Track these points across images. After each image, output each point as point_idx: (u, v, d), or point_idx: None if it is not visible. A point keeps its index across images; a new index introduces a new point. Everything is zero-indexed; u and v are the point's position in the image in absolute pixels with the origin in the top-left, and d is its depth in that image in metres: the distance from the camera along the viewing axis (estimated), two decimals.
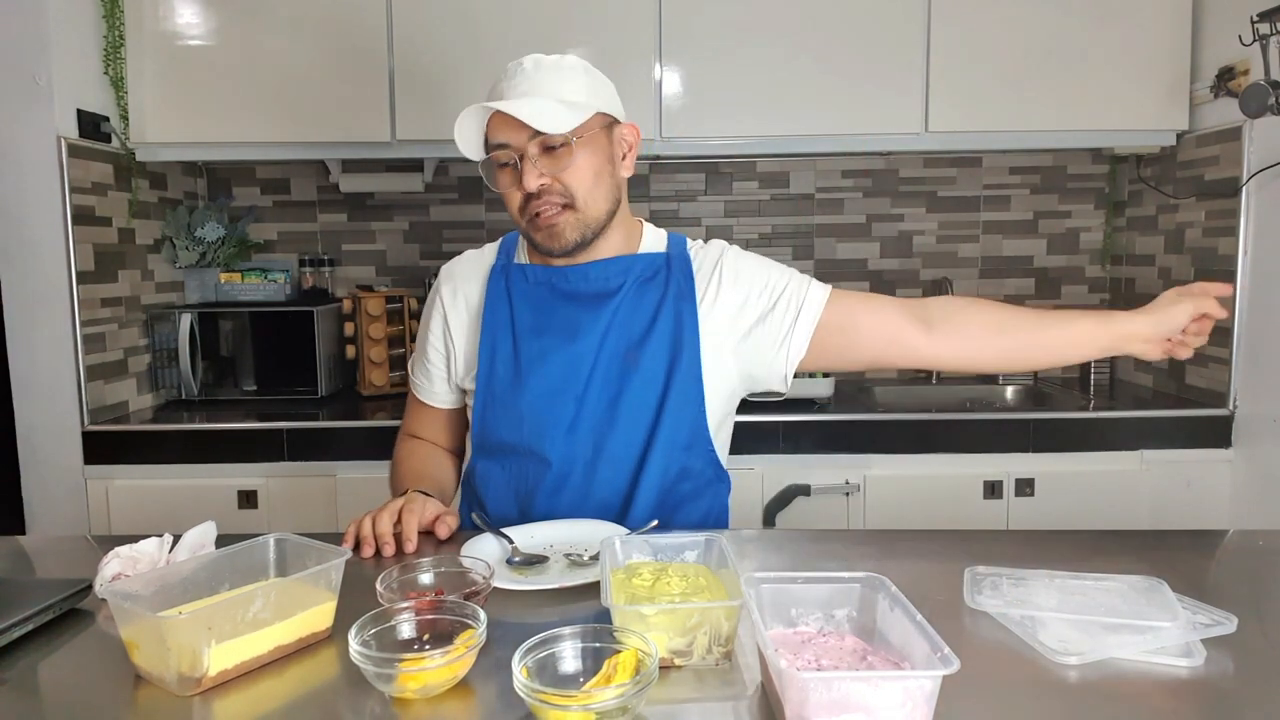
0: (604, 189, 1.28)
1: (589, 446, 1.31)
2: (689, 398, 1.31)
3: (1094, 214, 2.92)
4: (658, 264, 1.35)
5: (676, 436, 1.32)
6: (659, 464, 1.31)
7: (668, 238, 1.40)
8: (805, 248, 2.93)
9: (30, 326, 2.25)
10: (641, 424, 1.31)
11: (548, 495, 1.32)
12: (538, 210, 1.25)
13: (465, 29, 2.42)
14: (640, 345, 1.31)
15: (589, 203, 1.26)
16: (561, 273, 1.34)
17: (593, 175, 1.26)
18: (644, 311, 1.32)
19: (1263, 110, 2.03)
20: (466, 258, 1.46)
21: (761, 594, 0.84)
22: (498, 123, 1.25)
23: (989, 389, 2.86)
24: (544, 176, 1.23)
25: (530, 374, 1.32)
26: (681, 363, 1.30)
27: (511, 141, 1.23)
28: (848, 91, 2.44)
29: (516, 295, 1.36)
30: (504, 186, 1.28)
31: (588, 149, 1.25)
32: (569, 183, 1.24)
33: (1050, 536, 1.24)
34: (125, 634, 0.83)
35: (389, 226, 2.92)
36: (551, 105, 1.21)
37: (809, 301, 1.31)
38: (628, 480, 1.32)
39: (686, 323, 1.31)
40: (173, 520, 1.19)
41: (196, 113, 2.43)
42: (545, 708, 0.71)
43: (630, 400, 1.31)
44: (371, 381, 2.61)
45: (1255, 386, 2.26)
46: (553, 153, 1.23)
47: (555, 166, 1.23)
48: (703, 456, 1.35)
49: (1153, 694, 0.79)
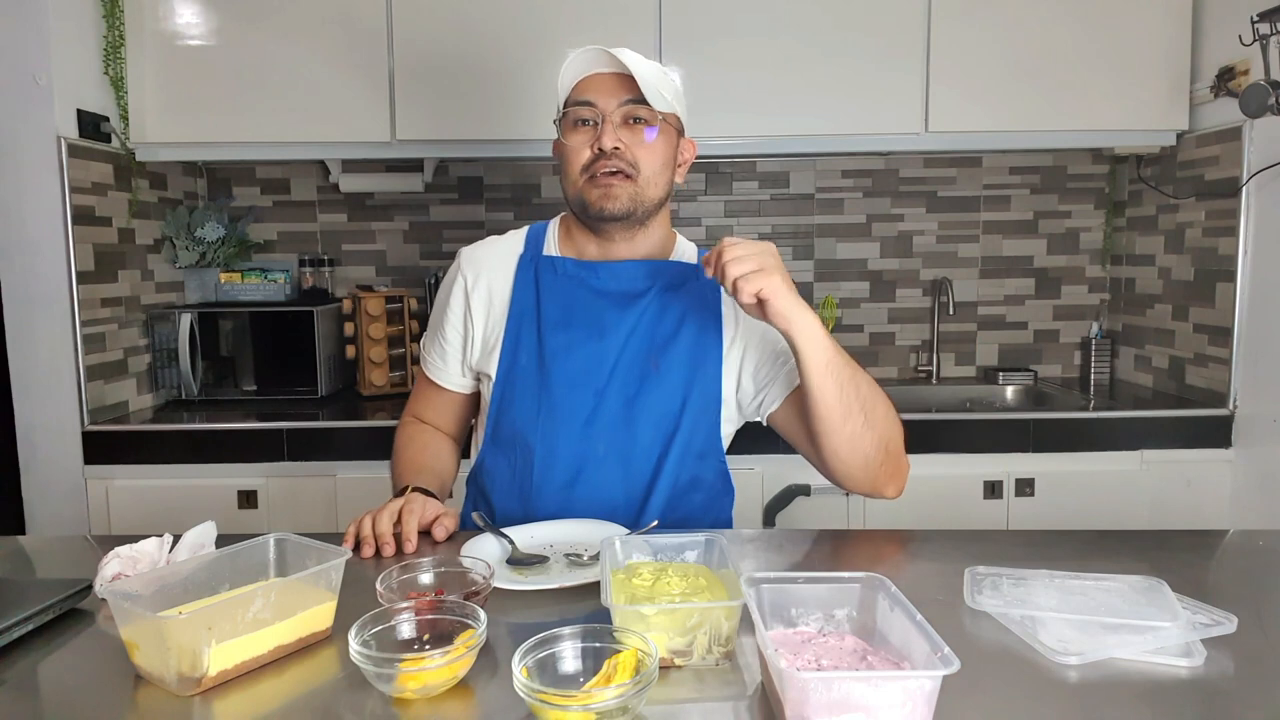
0: (664, 179, 1.33)
1: (603, 443, 1.32)
2: (708, 407, 1.33)
3: (1094, 214, 2.92)
4: (687, 273, 1.37)
5: (693, 444, 1.33)
6: (673, 471, 1.32)
7: (699, 252, 1.42)
8: (805, 248, 2.93)
9: (30, 326, 2.24)
10: (661, 429, 1.32)
11: (556, 492, 1.32)
12: (601, 167, 1.28)
13: (465, 29, 2.42)
14: (664, 350, 1.32)
15: (649, 182, 1.30)
16: (592, 268, 1.35)
17: (661, 161, 1.31)
18: (670, 317, 1.34)
19: (1263, 110, 2.03)
20: (491, 243, 1.46)
21: (761, 594, 0.84)
22: (593, 82, 1.29)
23: (989, 389, 2.86)
24: (620, 141, 1.27)
25: (553, 365, 1.33)
26: (704, 371, 1.33)
27: (599, 103, 1.28)
28: (848, 91, 2.44)
29: (544, 287, 1.37)
30: (574, 142, 1.30)
31: (663, 137, 1.31)
32: (640, 156, 1.29)
33: (1050, 536, 1.24)
34: (125, 634, 0.83)
35: (389, 226, 2.92)
36: (653, 84, 1.26)
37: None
38: (642, 484, 1.32)
39: (710, 333, 1.34)
40: (173, 520, 1.19)
41: (196, 113, 2.43)
42: (545, 708, 0.71)
43: (649, 403, 1.31)
44: (371, 381, 2.61)
45: (1255, 386, 2.26)
46: (633, 127, 1.29)
47: (633, 139, 1.28)
48: (714, 468, 1.36)
49: (1153, 694, 0.79)
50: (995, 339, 2.97)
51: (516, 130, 2.44)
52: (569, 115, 1.30)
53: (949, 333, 2.96)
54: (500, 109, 2.44)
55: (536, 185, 2.91)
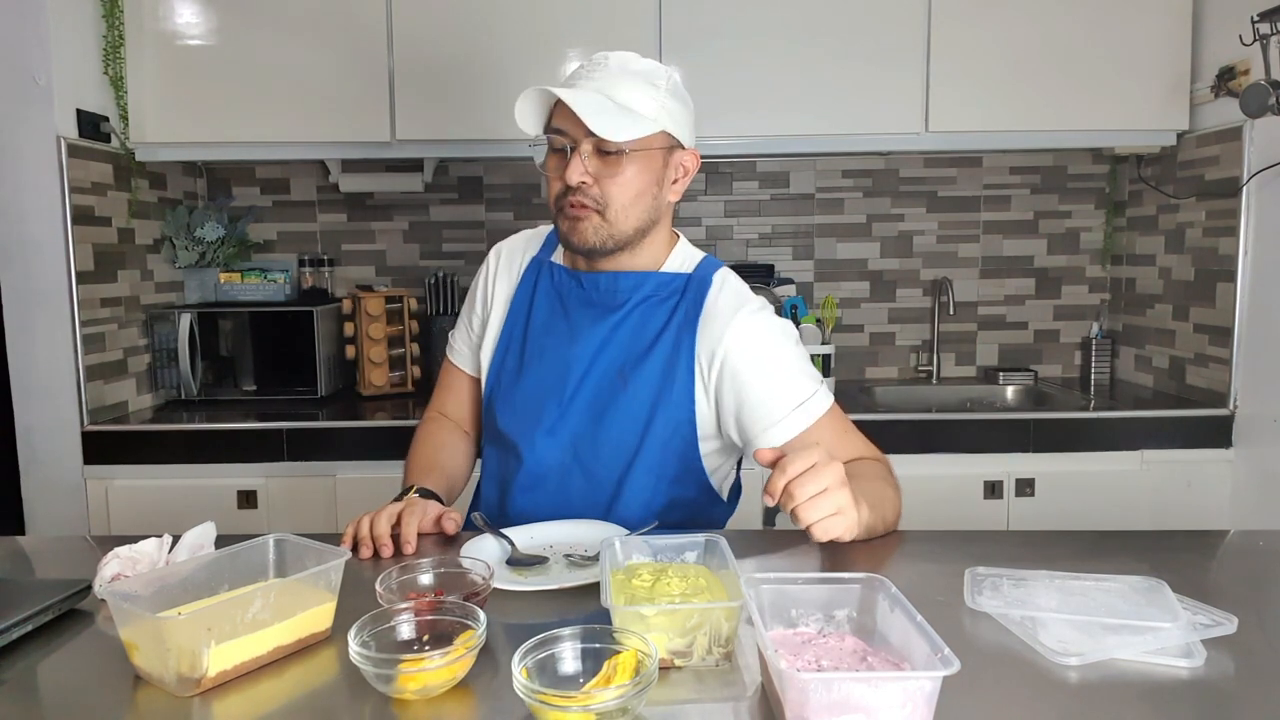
0: (641, 208, 1.26)
1: (568, 454, 1.31)
2: (676, 429, 1.27)
3: (1094, 214, 2.92)
4: (674, 286, 1.31)
5: (664, 469, 1.28)
6: (640, 494, 1.28)
7: (700, 261, 1.35)
8: (805, 248, 2.93)
9: (30, 326, 2.24)
10: (622, 447, 1.28)
11: (522, 491, 1.33)
12: (569, 203, 1.25)
13: (465, 29, 2.42)
14: (635, 367, 1.28)
15: (619, 217, 1.24)
16: (577, 278, 1.35)
17: (634, 193, 1.24)
18: (647, 333, 1.29)
19: (1263, 110, 2.03)
20: (520, 238, 1.47)
21: (761, 594, 0.84)
22: (564, 109, 1.21)
23: (989, 389, 2.86)
24: (587, 175, 1.22)
25: (529, 369, 1.35)
26: (670, 394, 1.26)
27: (569, 131, 1.22)
28: (848, 91, 2.44)
29: (540, 290, 1.38)
30: (550, 170, 1.27)
31: (638, 165, 1.23)
32: (608, 191, 1.23)
33: (1050, 537, 1.24)
34: (125, 635, 0.83)
35: (389, 226, 2.92)
36: (614, 110, 1.19)
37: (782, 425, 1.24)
38: (604, 501, 1.30)
39: (683, 354, 1.27)
40: (172, 520, 1.19)
41: (196, 113, 2.43)
42: (545, 708, 0.71)
43: (616, 420, 1.28)
44: (371, 381, 2.61)
45: (1255, 386, 2.26)
46: (604, 156, 1.22)
47: (603, 170, 1.22)
48: (694, 485, 1.32)
49: (1153, 695, 0.79)
50: (995, 339, 2.97)
51: (516, 130, 2.39)
52: (547, 141, 1.27)
53: (949, 333, 2.95)
54: (500, 109, 2.44)
55: (536, 185, 2.91)
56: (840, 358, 2.89)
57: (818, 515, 1.03)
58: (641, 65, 1.25)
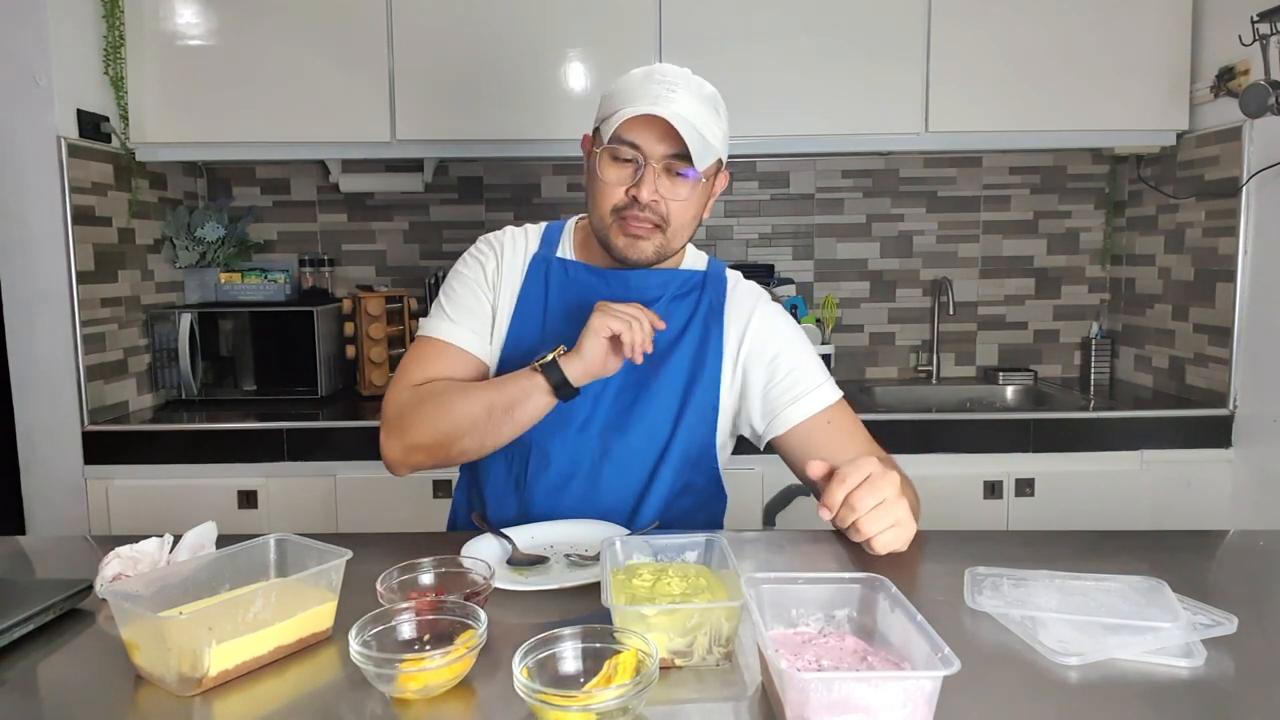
0: (693, 227, 1.32)
1: (597, 448, 1.31)
2: (704, 415, 1.33)
3: (1094, 214, 2.92)
4: (694, 281, 1.37)
5: (688, 452, 1.33)
6: (667, 477, 1.32)
7: (708, 260, 1.42)
8: (805, 248, 2.93)
9: (30, 326, 2.25)
10: (656, 435, 1.31)
11: (549, 494, 1.31)
12: (633, 217, 1.25)
13: (465, 29, 2.42)
14: (664, 357, 1.32)
15: (677, 235, 1.29)
16: (603, 275, 1.35)
17: (692, 214, 1.29)
18: (674, 325, 1.34)
19: (1263, 110, 2.03)
20: (512, 233, 1.42)
21: (762, 594, 0.84)
22: (640, 122, 1.21)
23: (989, 389, 2.86)
24: (657, 194, 1.24)
25: None
26: (701, 379, 1.32)
27: (645, 147, 1.22)
28: (848, 91, 2.44)
29: (554, 286, 1.36)
30: (609, 177, 1.25)
31: (699, 191, 1.28)
32: (674, 211, 1.26)
33: (1050, 537, 1.24)
34: (125, 634, 0.83)
35: (389, 226, 2.92)
36: (698, 139, 1.20)
37: (811, 397, 1.32)
38: (636, 489, 1.32)
39: (712, 341, 1.33)
40: (173, 520, 1.19)
41: (196, 113, 2.43)
42: (545, 708, 0.71)
43: (646, 409, 1.31)
44: (371, 381, 2.61)
45: (1255, 386, 2.26)
46: (674, 177, 1.24)
47: (670, 191, 1.25)
48: (706, 473, 1.36)
49: (1153, 694, 0.79)
50: (995, 339, 2.97)
51: (516, 130, 2.45)
52: (610, 150, 1.24)
53: (949, 333, 2.96)
54: (500, 109, 2.44)
55: (536, 185, 2.91)
56: (840, 358, 2.90)
57: (880, 527, 1.06)
58: (708, 91, 1.26)
